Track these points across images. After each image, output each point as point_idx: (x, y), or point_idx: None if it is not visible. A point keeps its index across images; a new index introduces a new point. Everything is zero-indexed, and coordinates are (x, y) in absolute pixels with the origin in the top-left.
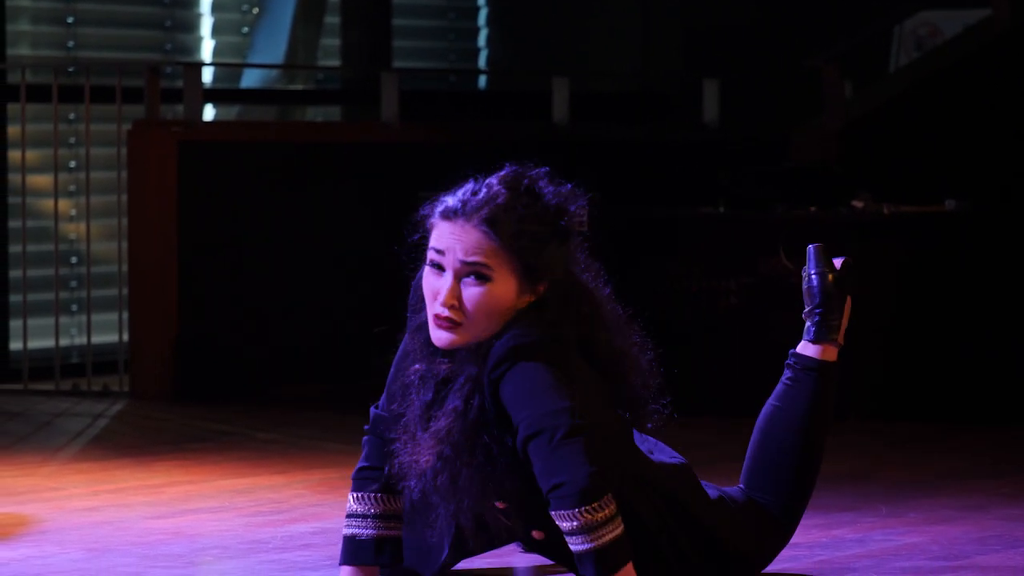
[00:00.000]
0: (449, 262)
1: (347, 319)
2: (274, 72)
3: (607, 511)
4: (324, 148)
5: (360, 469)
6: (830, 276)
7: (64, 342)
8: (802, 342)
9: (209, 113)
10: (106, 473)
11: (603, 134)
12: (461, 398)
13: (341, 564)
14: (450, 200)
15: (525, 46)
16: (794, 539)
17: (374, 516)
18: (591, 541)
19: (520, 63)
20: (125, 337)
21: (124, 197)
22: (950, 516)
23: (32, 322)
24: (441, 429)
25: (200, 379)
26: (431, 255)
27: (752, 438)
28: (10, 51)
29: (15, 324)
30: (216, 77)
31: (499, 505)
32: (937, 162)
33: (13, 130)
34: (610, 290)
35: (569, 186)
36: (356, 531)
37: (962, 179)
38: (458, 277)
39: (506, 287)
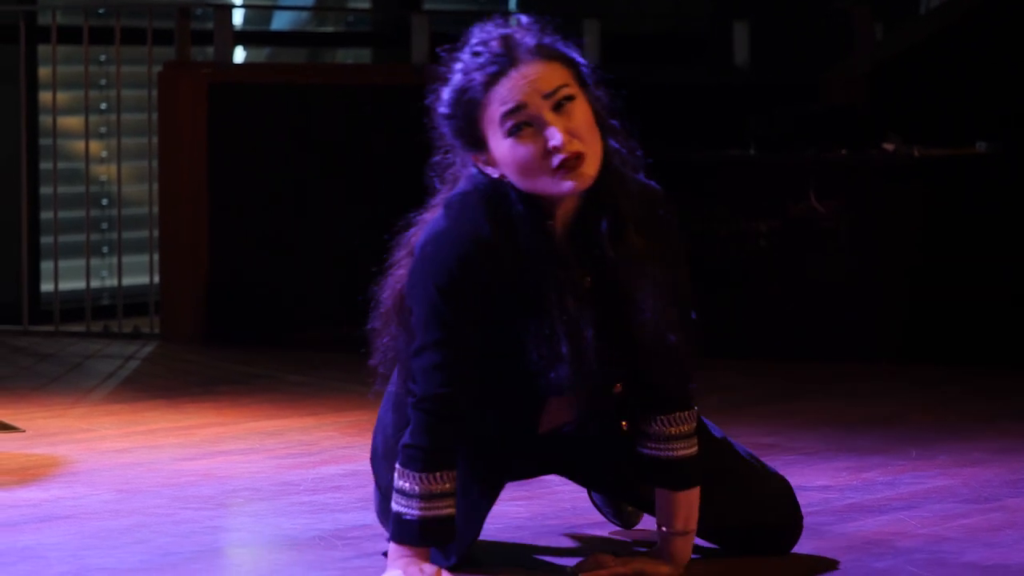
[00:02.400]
0: (536, 108)
1: (378, 261)
2: (304, 14)
3: (690, 425)
4: (354, 90)
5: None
6: None
7: (95, 284)
8: None
9: (239, 55)
10: (137, 415)
11: (633, 76)
12: (629, 235)
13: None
14: (488, 63)
15: None
16: (824, 482)
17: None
18: (694, 446)
19: (550, 5)
20: (156, 279)
21: (155, 139)
22: (980, 459)
23: (63, 264)
24: (631, 275)
25: (230, 321)
26: (512, 121)
27: None
28: None
29: (46, 266)
30: (246, 19)
31: (616, 388)
32: (968, 104)
33: (44, 72)
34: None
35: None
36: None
37: (993, 121)
38: (554, 111)
39: (586, 103)
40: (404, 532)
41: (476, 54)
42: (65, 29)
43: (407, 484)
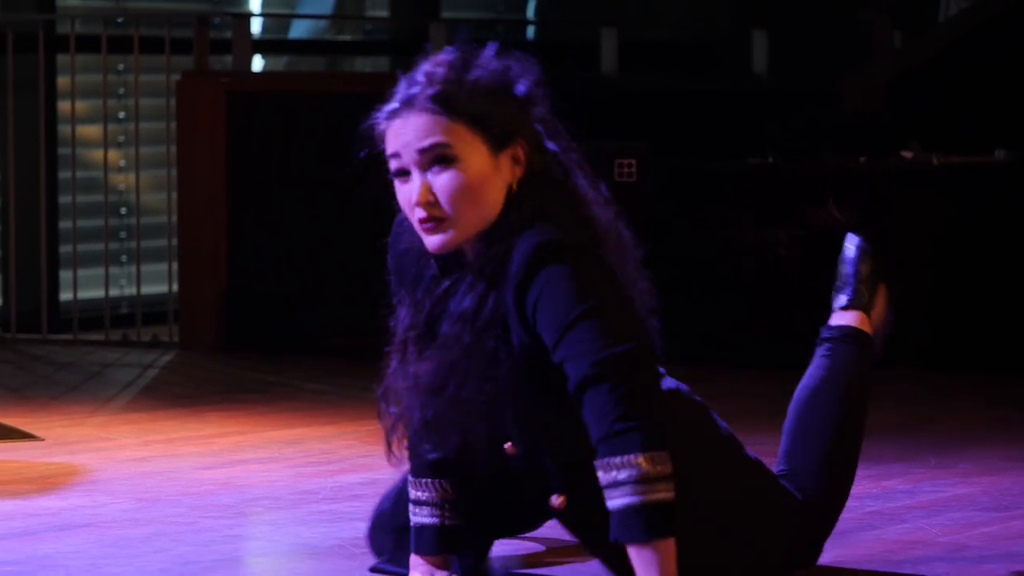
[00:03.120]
0: (408, 160)
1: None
2: (323, 23)
3: (667, 467)
4: (373, 99)
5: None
6: (869, 256)
7: (114, 293)
8: (834, 314)
9: (258, 64)
10: (156, 423)
11: (652, 84)
12: (473, 299)
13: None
14: (390, 103)
15: None
16: None
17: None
18: (642, 494)
19: (569, 12)
20: (174, 287)
21: (173, 148)
22: (1000, 466)
23: (82, 273)
24: (448, 336)
25: (249, 329)
26: (391, 164)
27: (788, 418)
28: (60, 2)
29: (65, 275)
30: (265, 28)
31: (508, 448)
32: (987, 112)
33: (63, 81)
34: (605, 188)
35: (517, 54)
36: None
37: (1012, 129)
38: (423, 170)
39: (477, 162)
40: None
41: (397, 87)
42: (84, 38)
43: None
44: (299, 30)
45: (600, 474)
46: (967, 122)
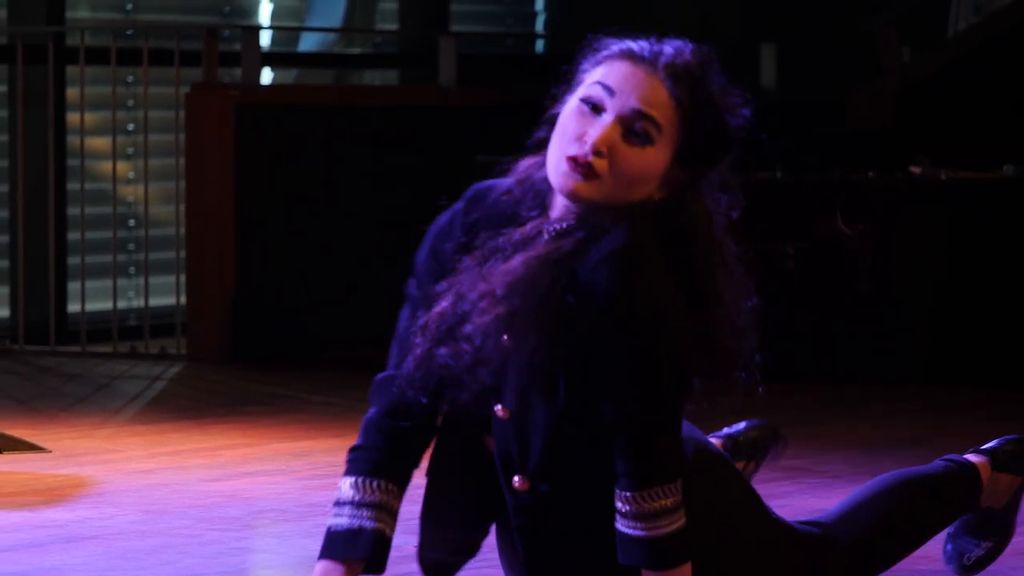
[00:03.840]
0: (617, 105)
1: (404, 283)
2: (332, 36)
3: (674, 499)
4: (381, 112)
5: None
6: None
7: (122, 304)
8: (972, 450)
9: (267, 76)
10: (163, 435)
11: None
12: (550, 247)
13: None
14: (634, 45)
15: (582, 9)
16: None
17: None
18: (646, 530)
19: (577, 27)
20: (182, 300)
21: (182, 160)
22: None
23: (90, 284)
24: (513, 267)
25: (257, 342)
26: (593, 90)
27: (865, 487)
28: (69, 14)
29: (73, 286)
30: (274, 40)
31: (499, 411)
32: (996, 127)
33: (72, 93)
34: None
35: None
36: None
37: (1020, 145)
38: (621, 125)
39: (662, 157)
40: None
41: (635, 39)
42: (93, 50)
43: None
44: (308, 43)
45: (619, 504)
46: (975, 137)
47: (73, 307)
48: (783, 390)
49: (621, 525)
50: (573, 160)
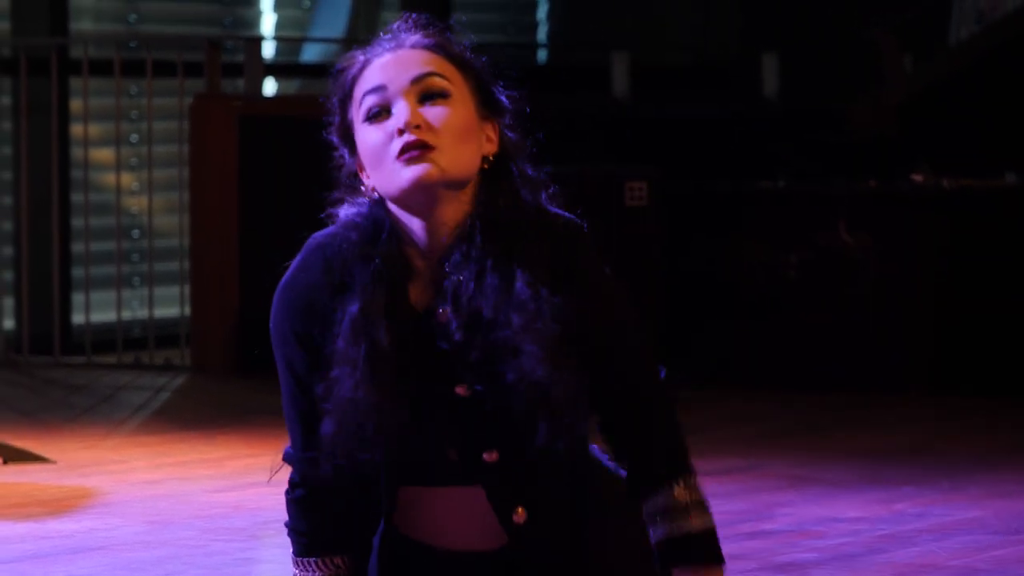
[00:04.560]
0: (397, 89)
1: None
2: (334, 46)
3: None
4: None
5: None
6: None
7: (126, 315)
8: None
9: (270, 87)
10: (168, 446)
11: (663, 108)
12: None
13: None
14: (368, 50)
15: (584, 19)
16: (855, 513)
17: None
18: (706, 523)
19: (579, 36)
20: (187, 310)
21: (185, 171)
22: (1011, 490)
23: (95, 295)
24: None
25: (261, 353)
26: (367, 101)
27: None
28: (73, 26)
29: (78, 297)
30: (277, 51)
31: (488, 457)
32: (997, 136)
33: (76, 104)
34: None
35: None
36: None
37: (1022, 153)
38: (415, 97)
39: (467, 109)
40: None
41: (372, 41)
42: (97, 62)
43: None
44: (311, 54)
45: (657, 500)
46: (977, 146)
47: (78, 318)
48: (787, 397)
49: (668, 527)
50: (404, 149)
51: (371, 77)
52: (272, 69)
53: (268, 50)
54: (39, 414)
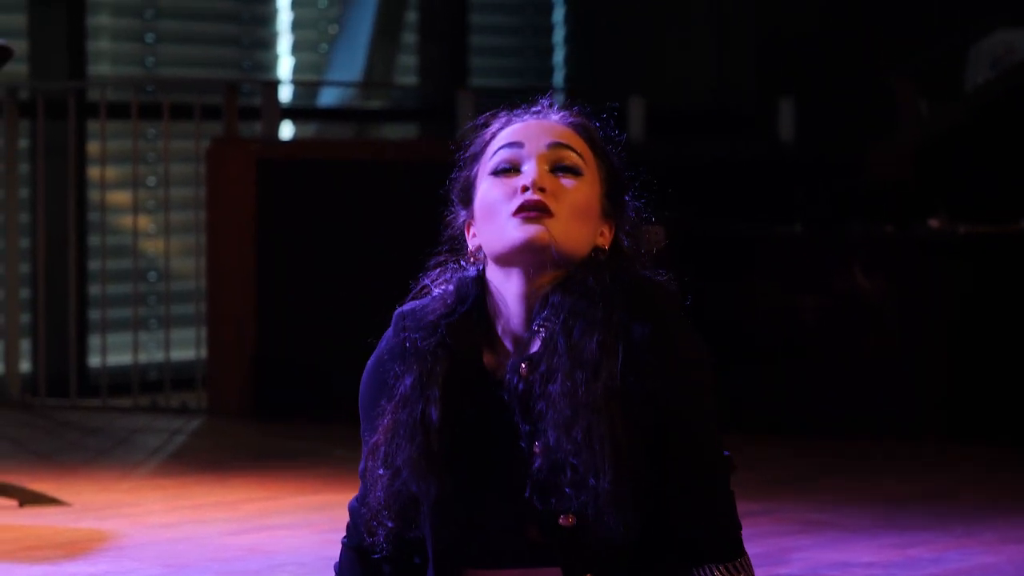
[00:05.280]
0: (532, 150)
1: None
2: (351, 90)
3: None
4: (401, 166)
5: None
6: None
7: (142, 358)
8: None
9: (287, 131)
10: (184, 489)
11: (679, 151)
12: (600, 328)
13: None
14: (517, 111)
15: (600, 64)
16: (869, 558)
17: None
18: None
19: (596, 81)
20: (203, 353)
21: (202, 214)
22: None
23: (111, 338)
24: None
25: (277, 396)
26: (501, 155)
27: None
28: (91, 69)
29: (94, 340)
30: (294, 95)
31: (564, 520)
32: (1014, 181)
33: (93, 147)
34: None
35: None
36: None
37: None
38: (548, 163)
39: (594, 190)
40: None
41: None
42: (114, 105)
43: None
44: (328, 97)
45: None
46: (994, 191)
47: (94, 361)
48: (803, 443)
49: None
50: (523, 207)
51: (509, 134)
52: (289, 113)
53: (285, 94)
54: (55, 456)
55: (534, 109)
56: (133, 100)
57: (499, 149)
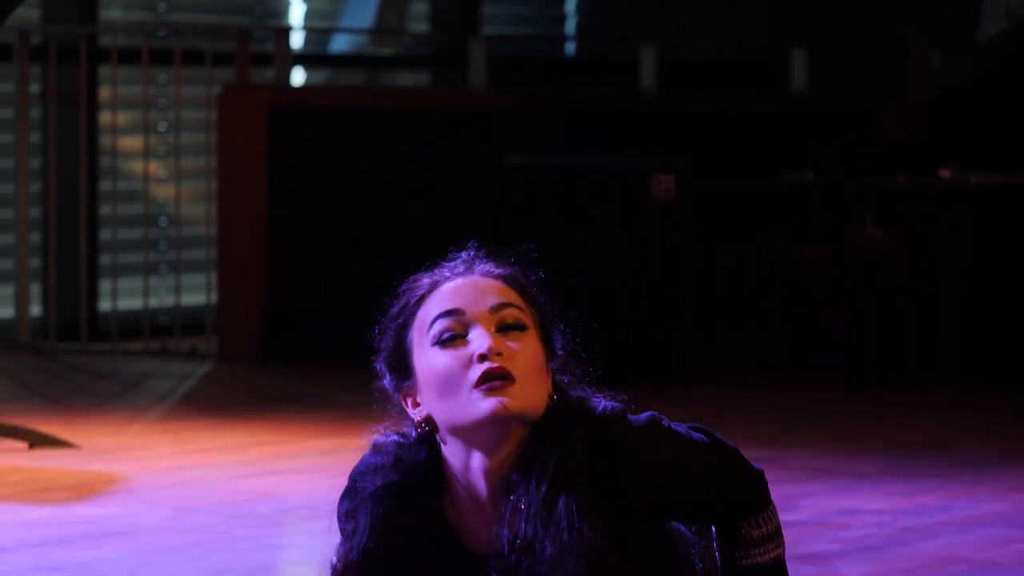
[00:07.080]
0: (474, 315)
1: None
2: (363, 37)
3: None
4: (412, 113)
5: None
6: None
7: (153, 303)
8: None
9: (298, 77)
10: (193, 433)
11: (690, 102)
12: (574, 486)
13: None
14: (436, 274)
15: (613, 12)
16: (878, 505)
17: None
18: (781, 545)
19: (608, 29)
20: (213, 299)
21: (213, 159)
22: None
23: (121, 283)
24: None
25: (287, 341)
26: (438, 326)
27: None
28: (102, 14)
29: (105, 285)
30: (306, 41)
31: None
32: None
33: (104, 92)
34: None
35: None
36: None
37: None
38: (494, 326)
39: (537, 343)
40: None
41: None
42: (125, 51)
43: None
44: (340, 44)
45: (747, 534)
46: (1005, 142)
47: (104, 305)
48: (812, 392)
49: (741, 559)
50: (485, 378)
51: (443, 300)
52: (301, 59)
53: (297, 40)
54: (65, 400)
55: (455, 265)
56: (145, 45)
57: (438, 318)
